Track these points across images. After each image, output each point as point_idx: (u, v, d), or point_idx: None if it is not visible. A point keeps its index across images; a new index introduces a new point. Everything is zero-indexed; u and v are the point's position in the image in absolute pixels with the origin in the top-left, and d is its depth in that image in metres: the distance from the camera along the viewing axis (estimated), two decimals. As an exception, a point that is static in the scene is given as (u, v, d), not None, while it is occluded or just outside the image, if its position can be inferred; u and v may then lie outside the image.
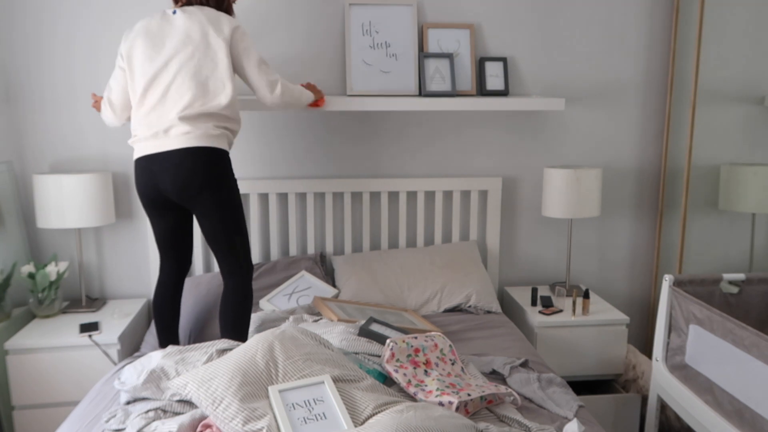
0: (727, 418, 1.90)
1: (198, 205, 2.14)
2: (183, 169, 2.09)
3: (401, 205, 2.94)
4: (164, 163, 2.10)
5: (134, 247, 2.87)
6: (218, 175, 2.13)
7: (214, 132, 2.13)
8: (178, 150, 2.09)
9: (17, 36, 2.68)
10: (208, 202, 2.13)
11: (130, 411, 1.77)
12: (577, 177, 2.76)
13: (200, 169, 2.09)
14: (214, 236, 2.18)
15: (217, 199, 2.13)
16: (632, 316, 3.22)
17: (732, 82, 3.04)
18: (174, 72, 2.11)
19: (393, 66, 2.80)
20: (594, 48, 2.97)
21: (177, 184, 2.10)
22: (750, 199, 2.90)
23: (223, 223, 2.16)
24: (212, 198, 2.12)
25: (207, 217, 2.15)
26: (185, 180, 2.10)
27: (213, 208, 2.14)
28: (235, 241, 2.19)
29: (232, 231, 2.18)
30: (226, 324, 2.19)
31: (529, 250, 3.11)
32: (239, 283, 2.21)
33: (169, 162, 2.09)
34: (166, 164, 2.10)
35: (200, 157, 2.10)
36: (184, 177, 2.09)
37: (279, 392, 1.64)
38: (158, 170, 2.12)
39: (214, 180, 2.12)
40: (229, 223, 2.17)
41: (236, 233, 2.19)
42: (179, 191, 2.12)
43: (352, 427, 1.58)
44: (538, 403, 1.92)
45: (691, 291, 2.23)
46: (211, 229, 2.17)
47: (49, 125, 2.75)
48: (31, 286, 2.56)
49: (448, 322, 2.59)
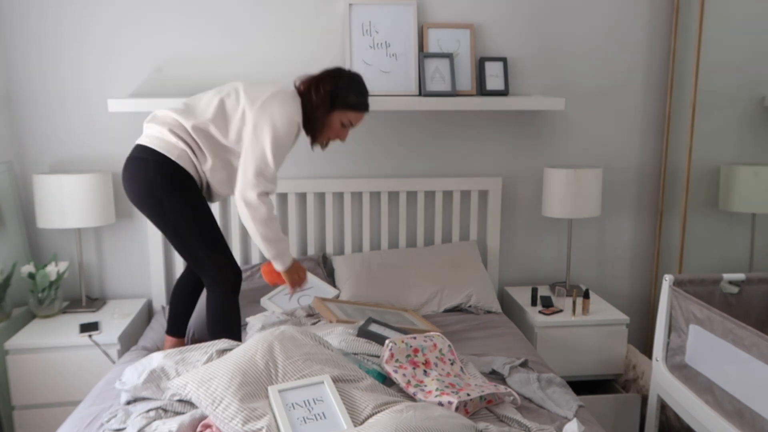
0: (727, 418, 1.90)
1: (147, 216, 2.08)
2: (125, 172, 2.06)
3: (401, 205, 2.94)
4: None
5: (134, 247, 2.87)
6: (158, 183, 2.00)
7: (169, 138, 2.03)
8: (133, 149, 2.08)
9: (18, 36, 2.68)
10: (151, 214, 2.06)
11: (131, 411, 1.77)
12: (577, 177, 2.76)
13: (140, 174, 2.02)
14: (178, 252, 2.12)
15: (159, 211, 2.02)
16: (632, 316, 3.22)
17: (732, 82, 3.04)
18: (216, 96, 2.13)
19: (393, 66, 2.80)
20: (594, 48, 2.97)
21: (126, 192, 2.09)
22: (750, 199, 2.90)
23: (176, 238, 2.05)
24: (154, 210, 2.03)
25: (163, 232, 2.09)
26: (125, 186, 2.07)
27: (157, 222, 2.06)
28: (199, 256, 2.08)
29: (191, 246, 2.06)
30: (211, 338, 2.15)
31: (529, 250, 3.11)
32: (214, 297, 2.13)
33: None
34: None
35: (141, 157, 2.03)
36: (125, 183, 2.06)
37: (279, 392, 1.64)
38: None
39: (154, 189, 2.00)
40: (184, 237, 2.05)
41: (197, 248, 2.06)
42: (130, 200, 2.09)
43: (352, 426, 1.58)
44: (537, 403, 1.92)
45: (691, 291, 2.23)
46: (172, 244, 2.11)
47: (49, 125, 2.75)
48: (31, 286, 2.56)
49: (448, 322, 2.59)
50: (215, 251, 2.11)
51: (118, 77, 2.75)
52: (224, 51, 2.78)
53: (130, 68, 2.75)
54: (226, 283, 2.13)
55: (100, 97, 2.76)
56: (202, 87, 2.77)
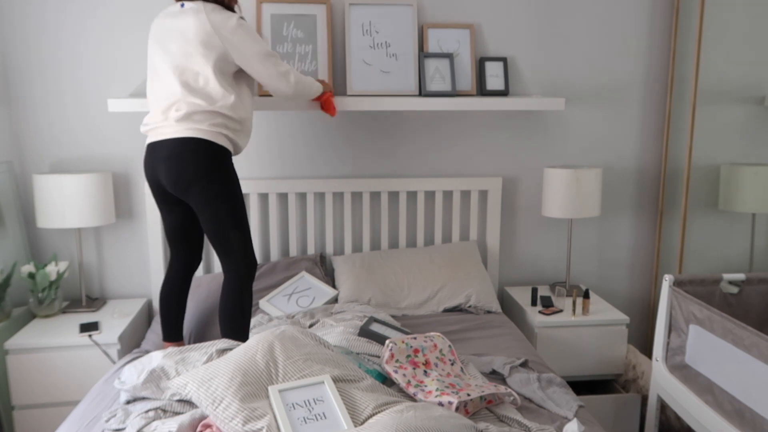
0: (727, 418, 1.90)
1: (191, 198, 2.14)
2: (173, 160, 2.10)
3: (401, 205, 2.94)
4: (160, 153, 2.13)
5: (134, 247, 2.87)
6: (209, 167, 2.11)
7: (205, 126, 2.11)
8: (170, 140, 2.11)
9: (18, 36, 2.68)
10: (200, 195, 2.12)
11: (131, 410, 1.77)
12: (577, 177, 2.76)
13: (190, 161, 2.09)
14: (209, 231, 2.17)
15: (210, 192, 2.11)
16: (632, 316, 3.22)
17: (732, 82, 3.04)
18: (169, 69, 2.14)
19: (393, 66, 2.81)
20: (594, 48, 2.97)
21: (171, 176, 2.12)
22: (750, 199, 2.90)
23: (217, 217, 2.14)
24: (204, 191, 2.11)
25: (201, 211, 2.15)
26: (174, 172, 2.11)
27: (204, 202, 2.12)
28: (230, 236, 2.16)
29: (228, 226, 2.16)
30: (223, 321, 2.19)
31: (529, 250, 3.11)
32: (233, 280, 2.19)
33: (163, 152, 2.12)
34: (161, 154, 2.13)
35: (189, 147, 2.09)
36: (175, 168, 2.10)
37: (279, 392, 1.64)
38: (155, 161, 2.15)
39: (205, 173, 2.10)
40: (224, 218, 2.14)
41: (232, 229, 2.16)
42: (173, 184, 2.13)
43: (352, 426, 1.58)
44: (537, 403, 1.92)
45: (691, 291, 2.23)
46: (206, 223, 2.16)
47: (49, 125, 2.75)
48: (31, 286, 2.56)
49: (448, 322, 2.59)
50: (245, 233, 2.20)
51: (118, 77, 2.75)
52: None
53: (130, 68, 2.75)
54: (249, 264, 2.20)
55: (100, 97, 2.76)
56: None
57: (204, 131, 2.11)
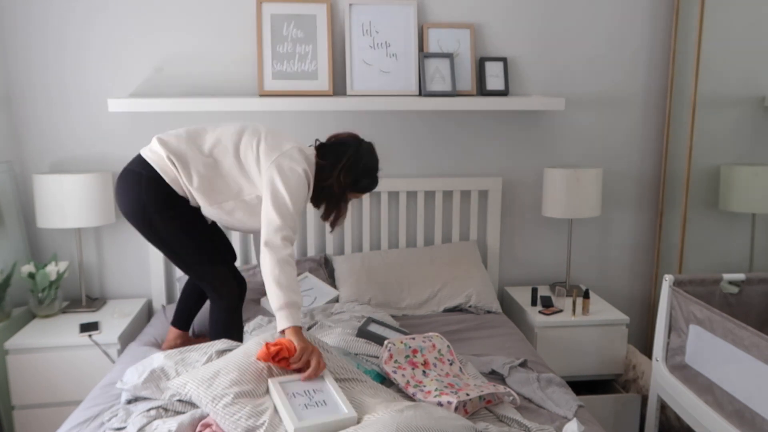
0: (727, 418, 1.90)
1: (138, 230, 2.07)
2: (119, 182, 2.04)
3: (401, 205, 2.94)
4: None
5: (134, 247, 2.87)
6: (149, 201, 1.97)
7: (157, 154, 1.97)
8: (133, 159, 2.07)
9: (18, 36, 2.68)
10: (143, 232, 2.04)
11: (132, 410, 1.77)
12: (577, 177, 2.76)
13: (132, 189, 1.99)
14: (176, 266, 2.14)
15: (151, 230, 2.01)
16: (632, 316, 3.22)
17: (732, 82, 3.04)
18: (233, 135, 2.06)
19: (393, 66, 2.81)
20: (594, 47, 2.97)
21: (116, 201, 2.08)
22: (750, 199, 2.90)
23: (172, 255, 2.06)
24: (145, 228, 2.02)
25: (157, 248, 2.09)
26: (117, 199, 2.05)
27: (151, 239, 2.05)
28: (198, 271, 2.09)
29: (188, 263, 2.07)
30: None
31: (529, 250, 3.11)
32: (217, 308, 2.14)
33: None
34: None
35: (135, 170, 2.00)
36: (117, 194, 2.05)
37: (279, 383, 1.67)
38: None
39: (146, 207, 1.98)
40: (180, 255, 2.05)
41: (195, 264, 2.06)
42: (122, 212, 2.06)
43: (353, 410, 1.60)
44: (537, 403, 1.92)
45: (691, 291, 2.23)
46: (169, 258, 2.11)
47: (49, 125, 2.75)
48: (31, 286, 2.56)
49: (448, 322, 2.59)
50: (215, 264, 2.11)
51: (118, 77, 2.75)
52: (224, 51, 2.78)
53: (130, 68, 2.75)
54: (229, 296, 2.13)
55: (100, 97, 2.76)
56: (202, 87, 2.77)
57: (159, 159, 2.01)
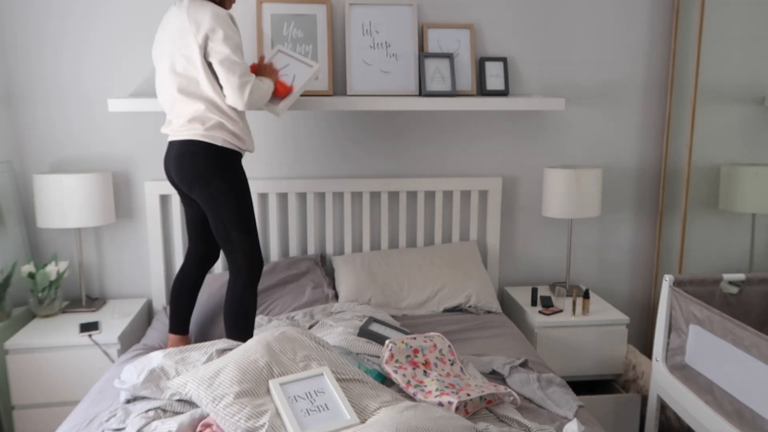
0: (727, 418, 1.90)
1: (195, 196, 2.18)
2: (178, 160, 2.15)
3: (401, 205, 2.94)
4: (170, 152, 2.19)
5: (134, 247, 2.87)
6: (208, 169, 2.12)
7: (203, 129, 2.12)
8: (176, 141, 2.17)
9: (18, 36, 2.68)
10: (203, 194, 2.15)
11: (131, 410, 1.77)
12: (577, 177, 2.76)
13: (189, 162, 2.13)
14: (214, 230, 2.20)
15: (208, 193, 2.13)
16: (632, 316, 3.22)
17: (732, 82, 3.04)
18: (166, 71, 2.15)
19: (393, 66, 2.80)
20: (594, 48, 2.97)
21: (177, 175, 2.18)
22: (750, 199, 2.90)
23: (218, 217, 2.16)
24: (204, 192, 2.14)
25: (205, 210, 2.19)
26: (179, 171, 2.16)
27: (206, 201, 2.15)
28: (232, 237, 2.17)
29: (229, 227, 2.17)
30: (227, 320, 2.19)
31: (529, 250, 3.11)
32: (237, 280, 2.20)
33: (173, 152, 2.18)
34: (171, 153, 2.19)
35: (189, 149, 2.13)
36: (179, 168, 2.15)
37: (280, 385, 1.66)
38: (168, 159, 2.22)
39: (204, 174, 2.12)
40: (225, 218, 2.15)
41: (233, 230, 2.17)
42: (179, 181, 2.18)
43: (355, 415, 1.60)
44: (537, 403, 1.92)
45: (691, 291, 2.23)
46: (211, 222, 2.19)
47: (49, 125, 2.75)
48: (31, 286, 2.56)
49: (448, 322, 2.59)
50: (250, 235, 2.20)
51: (118, 77, 2.75)
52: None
53: (130, 68, 2.75)
54: (250, 270, 2.20)
55: (100, 97, 2.76)
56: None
57: (202, 134, 2.12)
